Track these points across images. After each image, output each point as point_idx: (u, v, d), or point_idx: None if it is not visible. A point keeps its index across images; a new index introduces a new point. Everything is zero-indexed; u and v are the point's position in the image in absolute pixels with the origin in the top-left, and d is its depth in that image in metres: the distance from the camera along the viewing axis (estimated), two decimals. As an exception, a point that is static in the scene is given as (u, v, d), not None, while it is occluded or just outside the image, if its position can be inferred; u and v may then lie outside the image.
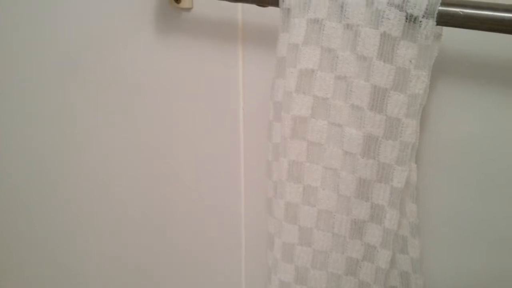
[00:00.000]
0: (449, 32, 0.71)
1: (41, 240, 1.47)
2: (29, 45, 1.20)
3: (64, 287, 1.46)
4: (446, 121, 0.80)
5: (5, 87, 1.28)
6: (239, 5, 0.92)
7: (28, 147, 1.34)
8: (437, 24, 0.65)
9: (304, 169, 0.82)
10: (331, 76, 0.75)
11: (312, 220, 0.84)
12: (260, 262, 1.08)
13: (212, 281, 1.21)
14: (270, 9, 0.79)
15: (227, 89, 0.99)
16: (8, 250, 1.52)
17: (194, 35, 0.98)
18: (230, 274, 1.17)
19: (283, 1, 0.75)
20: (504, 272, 0.84)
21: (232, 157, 1.04)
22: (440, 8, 0.64)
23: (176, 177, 1.14)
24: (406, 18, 0.67)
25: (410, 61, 0.69)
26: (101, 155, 1.23)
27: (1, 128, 1.34)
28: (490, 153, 0.78)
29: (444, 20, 0.65)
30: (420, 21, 0.66)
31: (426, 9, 0.65)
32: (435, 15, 0.65)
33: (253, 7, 0.83)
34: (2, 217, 1.44)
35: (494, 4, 0.61)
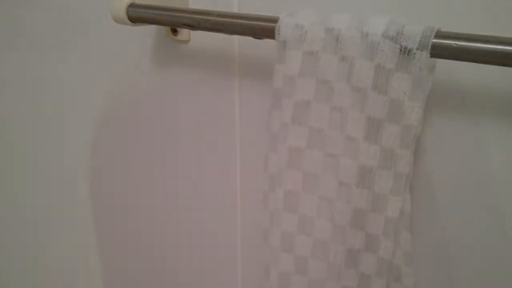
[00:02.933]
0: (443, 64, 0.72)
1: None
2: (29, 79, 1.22)
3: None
4: (440, 152, 0.81)
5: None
6: (236, 37, 0.93)
7: (26, 185, 1.35)
8: (431, 56, 0.66)
9: (299, 199, 0.82)
10: (326, 107, 0.76)
11: (308, 250, 0.84)
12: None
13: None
14: (266, 41, 0.80)
15: (223, 120, 0.99)
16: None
17: (191, 67, 0.99)
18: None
19: (279, 33, 0.76)
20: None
21: (229, 187, 1.04)
22: (434, 40, 0.65)
23: (172, 207, 1.14)
24: (400, 50, 0.68)
25: (404, 93, 0.69)
26: (97, 189, 1.24)
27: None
28: (483, 184, 0.79)
29: (438, 52, 0.65)
30: (414, 53, 0.67)
31: (420, 41, 0.66)
32: (429, 48, 0.65)
33: (249, 40, 0.84)
34: None
35: (487, 37, 0.62)
